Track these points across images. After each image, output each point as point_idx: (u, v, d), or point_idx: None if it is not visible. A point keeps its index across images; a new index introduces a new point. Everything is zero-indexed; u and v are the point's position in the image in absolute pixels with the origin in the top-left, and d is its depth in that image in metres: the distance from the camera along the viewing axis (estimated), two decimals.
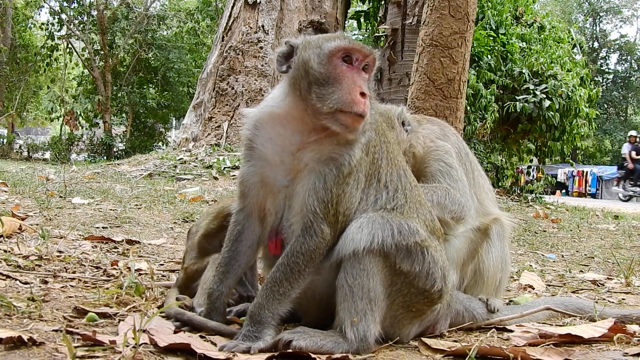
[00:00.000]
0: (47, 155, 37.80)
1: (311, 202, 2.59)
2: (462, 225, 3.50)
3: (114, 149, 36.44)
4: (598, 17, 61.88)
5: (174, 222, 6.59)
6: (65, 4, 37.12)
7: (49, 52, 37.51)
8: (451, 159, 3.62)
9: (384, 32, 14.59)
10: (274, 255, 2.74)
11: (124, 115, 41.24)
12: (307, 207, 2.60)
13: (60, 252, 4.16)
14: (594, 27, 61.82)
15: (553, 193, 29.62)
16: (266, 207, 2.81)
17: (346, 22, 19.92)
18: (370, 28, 16.89)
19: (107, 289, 3.20)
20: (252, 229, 2.88)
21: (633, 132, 31.16)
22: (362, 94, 2.56)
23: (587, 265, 6.00)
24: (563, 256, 6.58)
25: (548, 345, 2.78)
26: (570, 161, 21.25)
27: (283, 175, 2.70)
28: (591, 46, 58.10)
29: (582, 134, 15.34)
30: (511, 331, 3.11)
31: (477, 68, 14.04)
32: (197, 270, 3.34)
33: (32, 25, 40.75)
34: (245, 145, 2.83)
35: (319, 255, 2.62)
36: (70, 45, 37.63)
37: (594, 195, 40.66)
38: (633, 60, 60.60)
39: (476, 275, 3.59)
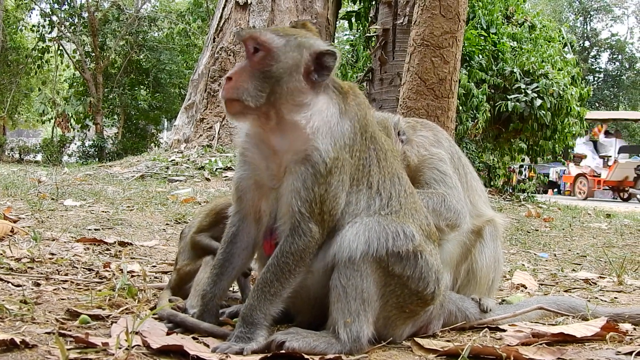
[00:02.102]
0: (39, 157, 37.70)
1: (295, 203, 2.59)
2: (457, 232, 3.51)
3: (106, 151, 36.26)
4: (589, 15, 62.05)
5: (167, 224, 6.58)
6: (56, 6, 36.93)
7: (40, 54, 37.29)
8: (445, 166, 3.62)
9: (375, 32, 14.55)
10: (269, 255, 2.73)
11: (115, 117, 40.99)
12: (292, 207, 2.60)
13: (52, 254, 4.15)
14: (585, 26, 62.01)
15: (545, 192, 29.69)
16: (261, 208, 2.82)
17: (337, 22, 19.92)
18: (361, 28, 16.84)
19: (100, 291, 3.20)
20: (247, 231, 2.89)
21: None
22: (228, 78, 2.60)
23: (580, 264, 6.01)
24: (555, 255, 6.59)
25: (541, 344, 2.79)
26: (562, 160, 21.34)
27: (270, 180, 2.72)
28: (582, 45, 58.23)
29: (574, 132, 15.37)
30: (504, 330, 3.12)
31: (468, 68, 14.04)
32: (190, 271, 3.34)
33: (23, 28, 40.53)
34: (239, 151, 2.86)
35: (309, 255, 2.63)
36: (61, 47, 37.45)
37: None
38: (624, 59, 60.79)
39: (469, 275, 3.61)
